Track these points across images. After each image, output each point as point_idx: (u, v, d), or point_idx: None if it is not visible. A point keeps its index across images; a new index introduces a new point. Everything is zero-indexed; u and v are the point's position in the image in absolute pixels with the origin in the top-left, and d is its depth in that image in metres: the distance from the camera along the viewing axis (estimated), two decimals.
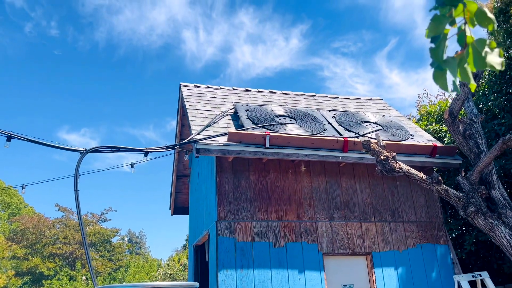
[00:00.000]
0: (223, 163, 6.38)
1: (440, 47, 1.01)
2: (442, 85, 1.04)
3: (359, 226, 6.60)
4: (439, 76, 1.03)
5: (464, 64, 1.03)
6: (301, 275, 6.00)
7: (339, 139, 6.48)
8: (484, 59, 1.02)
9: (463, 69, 1.03)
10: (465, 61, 1.03)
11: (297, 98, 9.02)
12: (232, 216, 6.09)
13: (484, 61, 1.02)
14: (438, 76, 1.03)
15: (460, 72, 1.03)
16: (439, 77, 1.03)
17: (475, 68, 1.05)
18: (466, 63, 1.03)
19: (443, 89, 1.04)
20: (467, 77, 1.04)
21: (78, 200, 5.19)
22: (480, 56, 1.02)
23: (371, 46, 76.12)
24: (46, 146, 5.58)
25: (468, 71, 1.04)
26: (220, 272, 5.69)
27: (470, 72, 1.04)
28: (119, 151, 5.77)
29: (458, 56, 1.03)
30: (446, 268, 6.71)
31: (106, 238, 31.43)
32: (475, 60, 1.02)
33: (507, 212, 5.91)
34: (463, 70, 1.03)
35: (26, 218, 29.62)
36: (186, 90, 8.38)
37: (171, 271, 23.68)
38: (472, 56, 1.03)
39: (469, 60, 1.03)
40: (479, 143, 6.47)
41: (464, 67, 1.03)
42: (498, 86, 8.40)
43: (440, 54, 1.01)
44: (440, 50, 1.01)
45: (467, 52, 1.03)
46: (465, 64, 1.03)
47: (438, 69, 1.03)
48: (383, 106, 9.38)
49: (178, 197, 10.81)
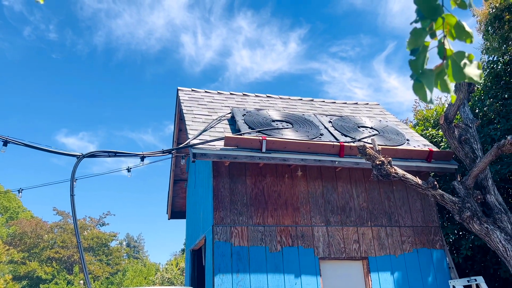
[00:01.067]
0: (219, 168, 6.39)
1: (419, 59, 1.03)
2: (421, 97, 1.07)
3: (355, 231, 6.61)
4: (418, 87, 1.06)
5: (444, 76, 1.05)
6: (297, 280, 6.01)
7: (335, 144, 6.51)
8: (462, 71, 1.04)
9: (443, 80, 1.05)
10: (444, 73, 1.05)
11: (294, 103, 9.05)
12: (228, 220, 6.10)
13: (462, 73, 1.04)
14: (417, 88, 1.06)
15: (440, 83, 1.06)
16: (418, 88, 1.06)
17: (454, 80, 1.08)
18: (445, 75, 1.06)
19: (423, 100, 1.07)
20: (446, 88, 1.06)
21: (74, 205, 5.20)
22: (459, 68, 1.04)
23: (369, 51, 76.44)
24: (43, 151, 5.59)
25: (448, 82, 1.06)
26: (216, 277, 5.69)
27: (449, 84, 1.06)
28: (116, 156, 5.78)
29: (438, 68, 1.06)
30: (442, 273, 6.72)
31: (104, 242, 31.34)
32: (454, 72, 1.05)
33: (502, 216, 5.93)
34: (442, 82, 1.06)
35: (24, 222, 29.54)
36: (184, 94, 8.41)
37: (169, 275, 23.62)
38: (451, 68, 1.05)
39: (449, 72, 1.06)
40: (475, 148, 6.50)
41: (443, 79, 1.05)
42: (493, 91, 8.46)
43: (419, 66, 1.04)
44: (419, 62, 1.04)
45: (447, 64, 1.06)
46: (445, 76, 1.05)
47: (417, 81, 1.05)
48: (379, 111, 9.42)
49: (175, 201, 10.81)
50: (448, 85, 1.06)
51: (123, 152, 5.87)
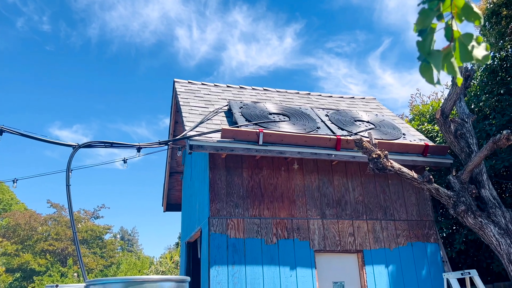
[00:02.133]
0: (216, 160, 6.38)
1: (427, 40, 1.03)
2: (428, 79, 1.06)
3: (350, 224, 6.65)
4: (426, 69, 1.05)
5: (451, 58, 1.05)
6: (293, 272, 6.03)
7: (332, 137, 6.52)
8: (470, 53, 1.04)
9: (450, 63, 1.05)
10: (451, 55, 1.05)
11: (291, 96, 9.04)
12: (224, 212, 6.10)
13: (470, 55, 1.04)
14: (424, 69, 1.05)
15: (447, 66, 1.05)
16: (425, 70, 1.05)
17: (462, 62, 1.07)
18: (452, 57, 1.05)
19: (429, 83, 1.06)
20: (453, 71, 1.06)
21: (70, 195, 5.17)
22: (466, 50, 1.04)
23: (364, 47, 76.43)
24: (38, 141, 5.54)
25: (455, 65, 1.06)
26: (212, 268, 5.71)
27: (456, 66, 1.06)
28: (112, 147, 5.75)
29: (445, 50, 1.05)
30: (436, 266, 6.78)
31: (98, 235, 31.30)
32: (461, 54, 1.04)
33: (496, 211, 5.98)
34: (449, 64, 1.05)
35: (18, 214, 29.39)
36: (180, 86, 8.36)
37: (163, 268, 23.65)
38: (459, 50, 1.05)
39: (456, 54, 1.05)
40: (470, 142, 6.54)
41: (450, 61, 1.05)
42: (489, 87, 8.49)
43: (426, 47, 1.03)
44: (427, 43, 1.03)
45: (454, 46, 1.05)
46: (451, 58, 1.05)
47: (424, 62, 1.04)
48: (376, 106, 9.43)
49: (171, 194, 10.79)
50: (455, 67, 1.06)
51: (119, 143, 5.83)
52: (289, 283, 5.94)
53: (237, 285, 5.72)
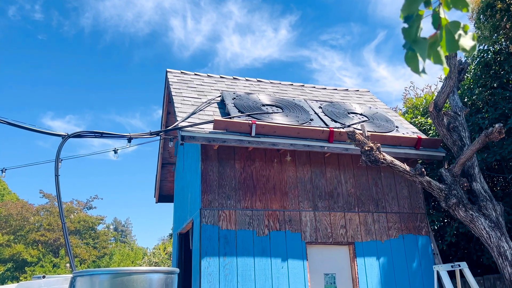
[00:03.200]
0: (208, 151, 6.34)
1: (413, 27, 0.99)
2: (413, 67, 1.02)
3: (342, 216, 6.66)
4: (411, 57, 1.01)
5: (437, 47, 1.01)
6: (284, 264, 6.04)
7: (325, 129, 6.49)
8: (457, 42, 1.00)
9: (436, 52, 1.01)
10: (438, 44, 1.01)
11: (284, 88, 8.99)
12: (216, 204, 6.08)
13: (457, 44, 1.00)
14: (410, 58, 1.02)
15: (433, 55, 1.02)
16: (411, 58, 1.01)
17: (448, 51, 1.04)
18: (439, 46, 1.02)
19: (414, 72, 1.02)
20: (439, 60, 1.02)
21: (59, 185, 5.11)
22: (453, 39, 1.00)
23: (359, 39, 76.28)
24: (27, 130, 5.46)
25: (441, 54, 1.02)
26: (203, 260, 5.70)
27: (443, 56, 1.02)
28: (102, 137, 5.68)
29: (431, 38, 1.02)
30: (426, 259, 6.82)
31: (91, 226, 31.23)
32: (448, 42, 1.01)
33: (487, 204, 6.02)
34: (435, 53, 1.01)
35: (10, 204, 29.20)
36: (173, 76, 8.28)
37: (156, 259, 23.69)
38: (445, 38, 1.01)
39: (442, 43, 1.02)
40: (463, 136, 6.55)
41: (437, 50, 1.01)
42: (483, 80, 8.50)
43: (412, 35, 1.00)
44: (413, 30, 0.99)
45: (441, 35, 1.01)
46: (438, 47, 1.01)
47: (410, 50, 1.01)
48: (369, 98, 9.42)
49: (163, 185, 10.75)
50: (441, 57, 1.02)
51: (110, 133, 5.77)
52: (281, 275, 5.96)
53: (228, 276, 5.72)
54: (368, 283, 6.33)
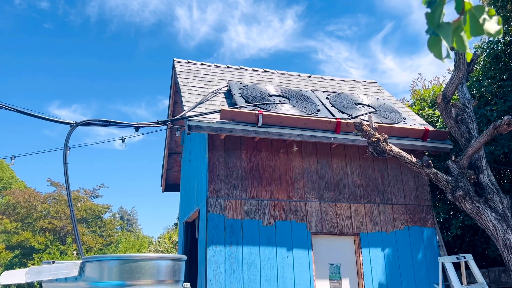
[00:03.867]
0: (215, 141, 6.35)
1: (436, 12, 0.98)
2: (436, 53, 1.01)
3: (348, 207, 6.66)
4: (434, 43, 1.00)
5: (461, 32, 1.00)
6: (289, 253, 6.08)
7: (332, 120, 6.47)
8: (481, 26, 0.99)
9: (459, 37, 1.00)
10: (461, 28, 1.00)
11: (291, 78, 8.95)
12: (222, 193, 6.10)
13: (481, 28, 0.99)
14: (433, 43, 1.00)
15: (456, 40, 1.00)
16: (434, 44, 1.00)
17: (472, 36, 1.02)
18: (462, 31, 1.00)
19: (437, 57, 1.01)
20: (462, 45, 1.01)
21: (67, 173, 5.15)
22: (477, 23, 0.99)
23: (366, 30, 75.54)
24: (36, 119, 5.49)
25: (465, 39, 1.01)
26: (209, 248, 5.74)
27: (466, 41, 1.01)
28: (110, 125, 5.70)
29: (455, 23, 1.00)
30: (431, 250, 6.83)
31: (97, 214, 31.51)
32: (472, 27, 1.00)
33: (494, 197, 5.99)
34: (459, 38, 1.00)
35: (18, 192, 29.50)
36: (180, 66, 8.26)
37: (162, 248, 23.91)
38: (469, 23, 1.00)
39: (466, 28, 1.01)
40: (471, 128, 6.50)
41: (460, 35, 1.00)
42: (492, 72, 8.40)
43: (436, 19, 0.98)
44: (436, 15, 0.98)
45: (464, 19, 1.00)
46: (461, 32, 1.00)
47: (433, 35, 1.00)
48: (377, 89, 9.36)
49: (169, 174, 10.80)
50: (464, 42, 1.01)
51: (118, 122, 5.78)
52: (286, 264, 5.99)
53: (234, 265, 5.77)
54: (372, 274, 6.36)
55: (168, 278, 2.98)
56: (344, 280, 6.31)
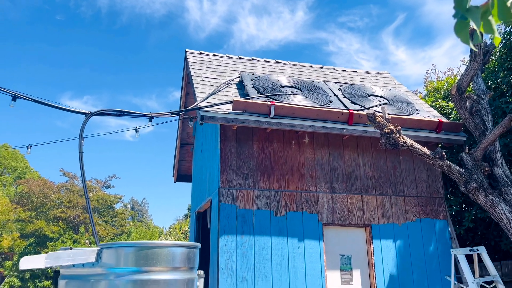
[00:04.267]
0: (227, 132, 6.37)
1: None
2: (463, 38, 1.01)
3: (359, 199, 6.65)
4: (462, 27, 1.00)
5: (489, 16, 1.00)
6: (301, 244, 6.11)
7: (344, 111, 6.44)
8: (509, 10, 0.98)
9: (487, 21, 1.00)
10: (489, 13, 1.00)
11: (303, 69, 8.91)
12: (234, 184, 6.14)
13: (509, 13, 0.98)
14: (460, 27, 1.00)
15: (484, 24, 1.00)
16: (461, 28, 1.00)
17: (499, 20, 1.02)
18: (490, 15, 1.00)
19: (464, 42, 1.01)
20: (491, 29, 1.00)
21: (82, 162, 5.23)
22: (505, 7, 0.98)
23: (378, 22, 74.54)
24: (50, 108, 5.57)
25: (493, 23, 1.01)
26: (221, 237, 5.80)
27: (494, 25, 1.01)
28: (124, 115, 5.76)
29: (483, 7, 1.00)
30: (443, 243, 6.80)
31: (109, 204, 31.94)
32: (499, 11, 0.99)
33: (508, 189, 5.93)
34: (487, 23, 1.00)
35: (31, 181, 30.02)
36: (192, 57, 8.28)
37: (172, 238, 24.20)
38: (497, 7, 0.99)
39: (494, 12, 1.00)
40: (485, 120, 6.42)
41: (488, 19, 1.00)
42: (508, 63, 8.25)
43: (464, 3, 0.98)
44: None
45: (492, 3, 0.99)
46: (489, 16, 1.00)
47: (462, 19, 0.99)
48: (390, 81, 9.27)
49: (181, 165, 10.89)
50: (492, 26, 1.00)
51: (132, 112, 5.84)
52: (297, 254, 6.03)
53: (246, 254, 5.82)
54: (384, 265, 6.36)
55: (183, 265, 3.03)
56: (355, 271, 6.33)
